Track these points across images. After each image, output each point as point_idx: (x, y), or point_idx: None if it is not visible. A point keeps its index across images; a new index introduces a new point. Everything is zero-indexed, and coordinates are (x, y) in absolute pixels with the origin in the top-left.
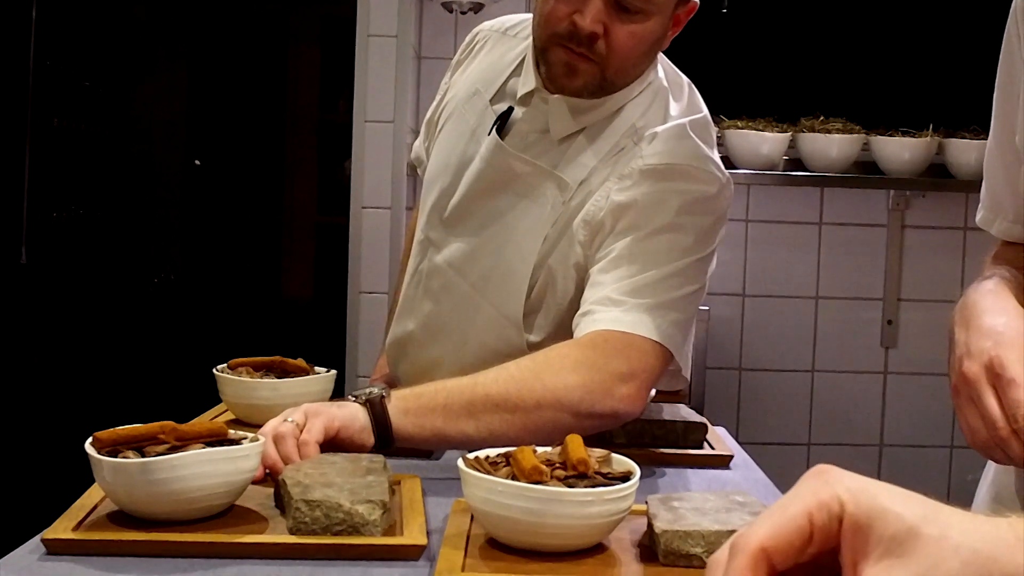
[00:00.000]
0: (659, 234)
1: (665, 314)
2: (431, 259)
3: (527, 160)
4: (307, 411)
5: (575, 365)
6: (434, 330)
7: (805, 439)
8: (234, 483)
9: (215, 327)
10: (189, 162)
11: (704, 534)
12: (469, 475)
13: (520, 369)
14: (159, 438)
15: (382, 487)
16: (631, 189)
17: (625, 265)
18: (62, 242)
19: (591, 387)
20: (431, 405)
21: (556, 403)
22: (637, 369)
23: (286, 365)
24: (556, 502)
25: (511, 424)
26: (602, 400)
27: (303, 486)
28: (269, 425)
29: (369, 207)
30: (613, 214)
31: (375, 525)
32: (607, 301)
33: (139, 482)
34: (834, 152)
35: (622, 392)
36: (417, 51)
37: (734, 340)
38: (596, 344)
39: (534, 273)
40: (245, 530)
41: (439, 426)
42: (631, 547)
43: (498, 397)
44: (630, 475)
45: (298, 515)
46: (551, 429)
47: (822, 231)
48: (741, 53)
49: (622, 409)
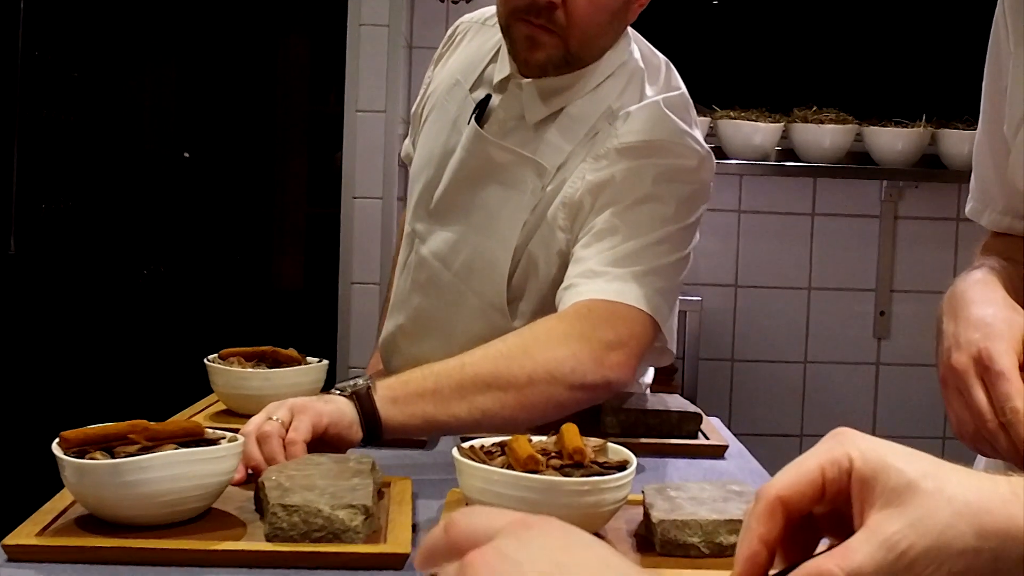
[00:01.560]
0: (638, 205)
1: (649, 283)
2: (417, 251)
3: (505, 147)
4: (292, 408)
5: (563, 337)
6: (423, 323)
7: (797, 430)
8: (209, 486)
9: (206, 318)
10: (179, 154)
11: (701, 523)
12: (464, 464)
13: (508, 346)
14: (130, 438)
15: (366, 491)
16: (607, 168)
17: (606, 238)
18: (51, 234)
19: (581, 357)
20: (419, 391)
21: (548, 377)
22: (624, 337)
23: (278, 355)
24: (552, 491)
25: (504, 403)
26: (593, 370)
27: (282, 489)
28: (252, 423)
29: (360, 197)
30: (591, 193)
31: (356, 532)
32: (590, 273)
33: (107, 484)
34: (827, 143)
35: (612, 360)
36: (409, 40)
37: (726, 331)
38: (581, 315)
39: (514, 259)
40: (220, 536)
41: (430, 412)
42: (627, 537)
43: (489, 376)
44: (626, 464)
45: (275, 520)
46: (544, 404)
47: (815, 222)
48: (734, 43)
49: (613, 377)
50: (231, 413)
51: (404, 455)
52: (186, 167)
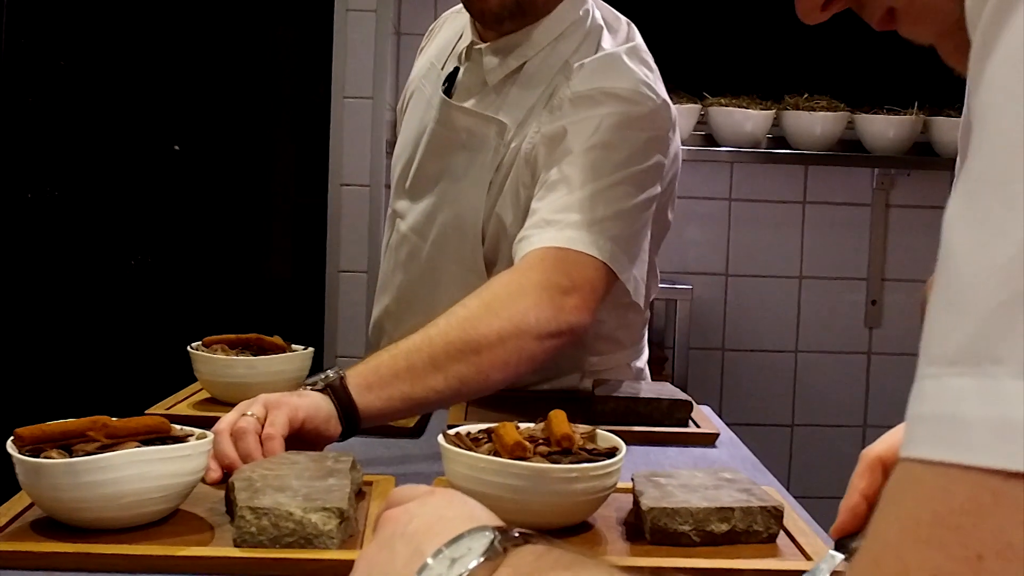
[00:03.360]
0: (590, 152)
1: (601, 230)
2: (398, 230)
3: (467, 110)
4: (266, 403)
5: (520, 290)
6: (407, 301)
7: (788, 420)
8: (173, 486)
9: (194, 308)
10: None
11: (692, 511)
12: (450, 451)
13: (470, 309)
14: (89, 435)
15: (343, 492)
16: (560, 119)
17: (558, 187)
18: (36, 223)
19: (542, 306)
20: (393, 373)
21: (516, 331)
22: (578, 281)
23: (263, 342)
24: (540, 479)
25: (479, 366)
26: (555, 316)
27: (252, 490)
28: (224, 421)
29: (348, 184)
30: (546, 146)
31: (330, 537)
32: (541, 223)
33: (63, 485)
34: (818, 130)
35: (569, 305)
36: (396, 26)
37: (717, 320)
38: (533, 265)
39: (485, 222)
40: (185, 541)
41: (407, 391)
42: (617, 525)
43: (459, 343)
44: (615, 451)
45: (243, 524)
46: (517, 360)
47: (806, 210)
48: (724, 29)
49: (575, 320)
50: (215, 401)
51: (393, 444)
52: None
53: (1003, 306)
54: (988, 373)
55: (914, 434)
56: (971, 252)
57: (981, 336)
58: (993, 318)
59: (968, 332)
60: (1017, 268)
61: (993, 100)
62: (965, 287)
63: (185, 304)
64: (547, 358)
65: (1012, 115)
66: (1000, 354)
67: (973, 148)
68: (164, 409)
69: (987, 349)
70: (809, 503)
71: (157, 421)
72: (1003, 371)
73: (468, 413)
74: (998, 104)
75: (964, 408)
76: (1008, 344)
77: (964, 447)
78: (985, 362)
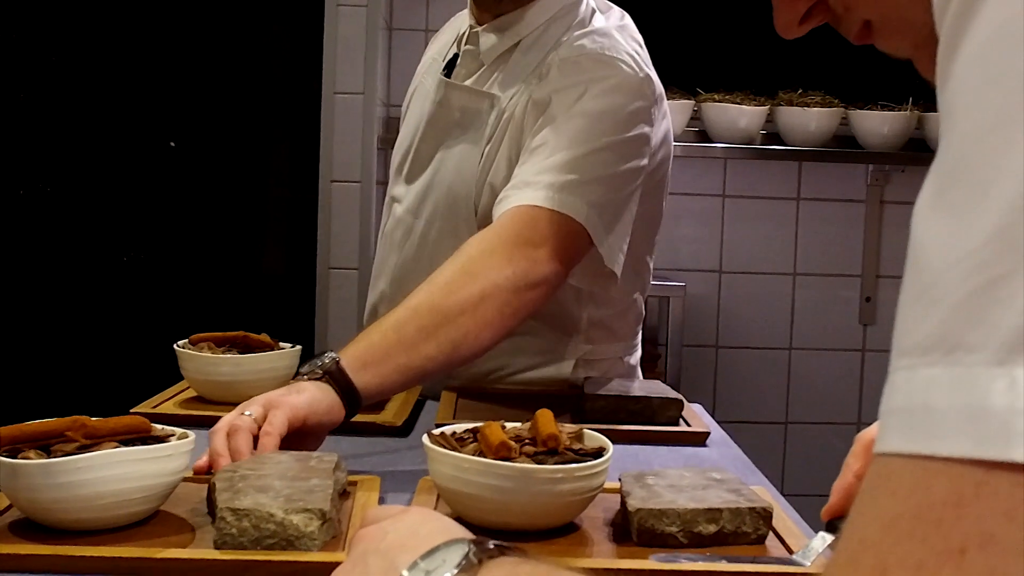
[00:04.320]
0: (573, 119)
1: (579, 192)
2: (394, 215)
3: (462, 86)
4: (266, 404)
5: (492, 248)
6: (401, 281)
7: (782, 418)
8: (154, 487)
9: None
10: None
11: (680, 512)
12: (434, 451)
13: (449, 274)
14: (67, 436)
15: (325, 493)
16: (547, 86)
17: (539, 152)
18: (29, 220)
19: (515, 260)
20: (385, 348)
21: (495, 289)
22: (547, 235)
23: (249, 340)
24: (524, 479)
25: (467, 328)
26: (531, 268)
27: (233, 491)
28: (224, 420)
29: (339, 181)
30: (532, 113)
31: (312, 538)
32: (520, 184)
33: (40, 486)
34: (812, 126)
35: (540, 256)
36: (388, 22)
37: (710, 317)
38: (505, 224)
39: (478, 191)
40: (164, 543)
41: (403, 363)
42: (604, 526)
43: (444, 307)
44: (602, 451)
45: (223, 526)
46: (502, 316)
47: (800, 206)
48: (718, 25)
49: (548, 271)
50: (202, 400)
51: (379, 442)
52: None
53: (973, 294)
54: (960, 361)
55: (888, 428)
56: (939, 242)
57: (951, 325)
58: (963, 306)
59: (938, 321)
60: (986, 256)
61: (960, 94)
62: (934, 277)
63: (176, 300)
64: (532, 309)
65: (978, 108)
66: (971, 342)
67: (941, 142)
68: (150, 407)
69: (958, 337)
70: (803, 500)
71: (137, 421)
72: (975, 359)
73: (457, 411)
74: (965, 98)
75: (936, 398)
76: (979, 332)
77: (939, 438)
78: (957, 350)
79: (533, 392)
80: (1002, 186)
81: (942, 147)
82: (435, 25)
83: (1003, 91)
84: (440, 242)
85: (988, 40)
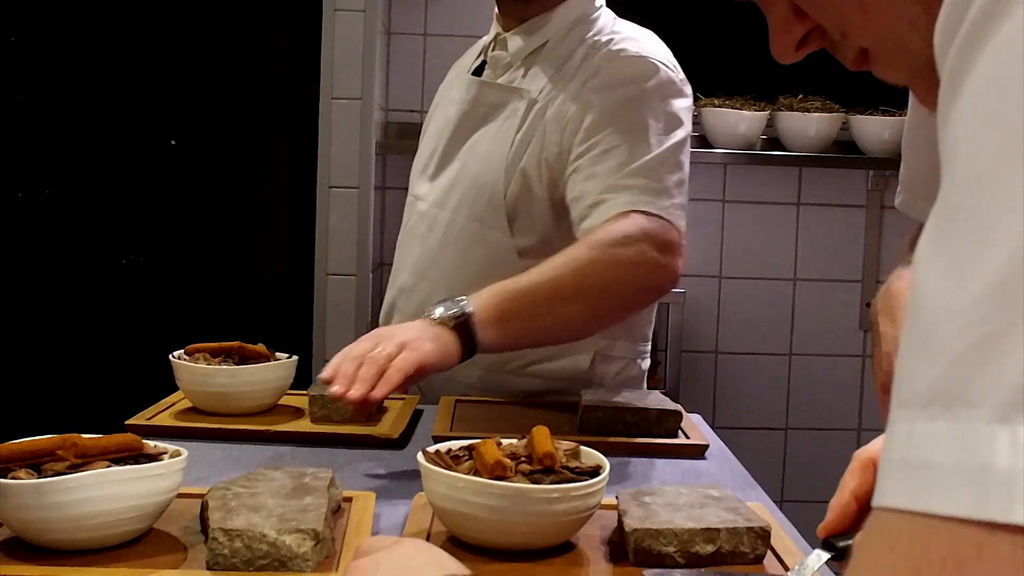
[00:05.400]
0: (638, 122)
1: (667, 197)
2: (417, 211)
3: (493, 83)
4: (400, 344)
5: (623, 247)
6: (423, 269)
7: (782, 424)
8: (146, 507)
9: (185, 308)
10: (158, 141)
11: (677, 532)
12: (428, 470)
13: (579, 260)
14: (58, 455)
15: (318, 512)
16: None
17: (615, 154)
18: (28, 222)
19: (641, 264)
20: (515, 311)
21: (622, 285)
22: (674, 239)
23: (245, 351)
24: (518, 499)
25: (586, 312)
26: (653, 273)
27: (225, 510)
28: (357, 347)
29: (336, 187)
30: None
31: (305, 559)
32: (616, 188)
33: (31, 506)
34: (812, 131)
35: (666, 262)
36: (387, 26)
37: (710, 323)
38: (628, 228)
39: (507, 178)
40: (156, 563)
41: (524, 329)
42: (600, 545)
43: (574, 288)
44: (599, 470)
45: (216, 546)
46: (616, 311)
47: (800, 212)
48: (718, 30)
49: (670, 278)
50: (197, 411)
51: (375, 455)
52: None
53: (973, 347)
54: (960, 416)
55: (887, 481)
56: (940, 289)
57: (952, 377)
58: (963, 359)
59: (939, 373)
60: (986, 308)
61: (960, 137)
62: (935, 326)
63: (174, 306)
64: (640, 309)
65: (978, 152)
66: (972, 396)
67: (943, 185)
68: (145, 419)
69: (959, 391)
70: (803, 507)
71: (129, 439)
72: (976, 414)
73: (455, 423)
74: (965, 141)
75: (936, 453)
76: (980, 386)
77: (939, 496)
78: (957, 405)
79: (532, 402)
80: (1002, 234)
81: (943, 191)
82: (434, 29)
83: (1003, 135)
84: (467, 227)
85: (989, 83)
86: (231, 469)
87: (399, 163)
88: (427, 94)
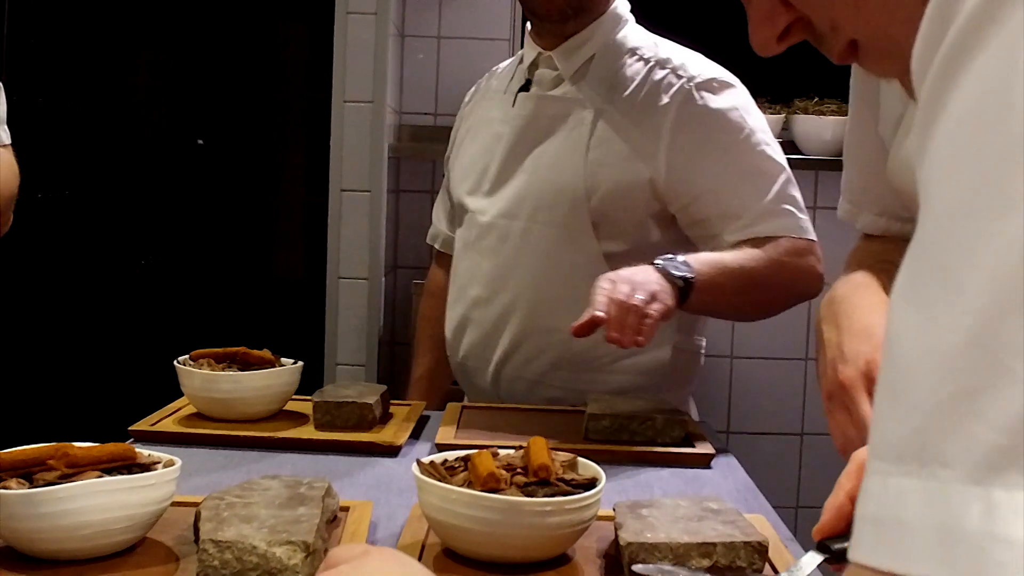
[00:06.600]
0: (752, 146)
1: (805, 215)
2: (479, 224)
3: (553, 96)
4: (652, 294)
5: (786, 258)
6: (500, 281)
7: (798, 429)
8: (137, 516)
9: (202, 310)
10: (178, 142)
11: (672, 546)
12: (422, 482)
13: (758, 260)
14: (49, 464)
15: (311, 523)
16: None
17: (746, 180)
18: (48, 223)
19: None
20: (715, 284)
21: (783, 288)
22: (817, 256)
23: (249, 356)
24: (512, 511)
25: (758, 301)
26: (807, 284)
27: (217, 520)
28: (618, 290)
29: (348, 190)
30: (680, 128)
31: (295, 571)
32: (765, 213)
33: (21, 516)
34: (828, 135)
35: (820, 272)
36: (400, 29)
37: (725, 327)
38: (781, 244)
39: (587, 183)
40: (146, 573)
41: (715, 303)
42: (596, 557)
43: (759, 278)
44: (595, 482)
45: (206, 557)
46: (769, 306)
47: (816, 215)
48: (731, 31)
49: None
50: (201, 416)
51: (375, 463)
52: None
53: (948, 402)
54: (935, 475)
55: (861, 536)
56: (913, 336)
57: (927, 434)
58: (938, 415)
59: (913, 428)
60: (961, 364)
61: (935, 176)
62: (909, 376)
63: (186, 309)
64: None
65: (951, 192)
66: (947, 456)
67: (918, 224)
68: (149, 425)
69: (933, 448)
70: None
71: (122, 448)
72: (950, 475)
73: (460, 427)
74: (939, 181)
75: (910, 512)
76: (955, 445)
77: (911, 558)
78: (932, 463)
79: (539, 409)
80: (974, 283)
81: (918, 230)
82: (447, 32)
83: (973, 177)
84: (546, 233)
85: (960, 122)
86: (232, 476)
87: (412, 166)
88: (440, 97)
